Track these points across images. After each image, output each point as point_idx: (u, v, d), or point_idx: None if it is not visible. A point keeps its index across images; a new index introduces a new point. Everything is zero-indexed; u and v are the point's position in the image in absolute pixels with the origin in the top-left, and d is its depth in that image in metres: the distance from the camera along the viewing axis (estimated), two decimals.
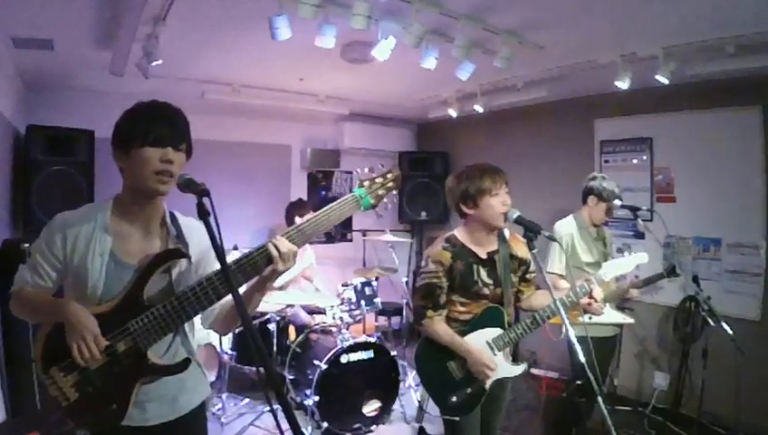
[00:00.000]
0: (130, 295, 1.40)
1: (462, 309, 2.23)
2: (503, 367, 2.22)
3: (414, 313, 2.29)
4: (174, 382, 1.50)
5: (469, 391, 2.18)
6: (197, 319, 1.56)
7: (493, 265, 2.24)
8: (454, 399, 2.18)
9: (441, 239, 2.26)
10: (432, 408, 2.35)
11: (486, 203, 2.14)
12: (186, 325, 1.55)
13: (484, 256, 2.23)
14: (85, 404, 1.40)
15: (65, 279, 1.47)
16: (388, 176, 1.63)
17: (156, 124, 1.41)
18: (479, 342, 2.19)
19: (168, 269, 1.47)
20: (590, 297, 2.20)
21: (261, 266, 1.43)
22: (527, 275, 2.38)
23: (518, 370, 2.27)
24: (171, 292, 1.44)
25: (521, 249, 2.32)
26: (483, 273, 2.21)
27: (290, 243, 1.44)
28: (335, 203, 1.53)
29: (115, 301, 1.40)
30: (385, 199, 1.64)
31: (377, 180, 1.61)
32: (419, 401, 3.78)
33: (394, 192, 1.66)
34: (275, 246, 1.41)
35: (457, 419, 2.20)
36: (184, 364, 1.46)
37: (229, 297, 1.45)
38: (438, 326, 2.20)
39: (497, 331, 2.21)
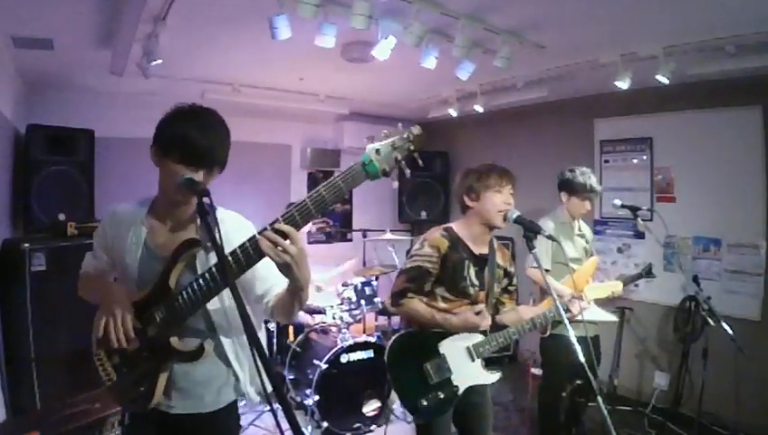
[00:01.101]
0: (159, 284, 1.47)
1: (442, 305, 2.19)
2: (479, 374, 2.19)
3: (393, 293, 2.21)
4: (201, 379, 1.56)
5: (441, 396, 2.14)
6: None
7: (482, 267, 2.23)
8: (424, 403, 2.13)
9: (439, 228, 2.25)
10: (398, 409, 2.30)
11: (488, 197, 2.15)
12: (221, 325, 1.55)
13: (477, 254, 2.22)
14: (121, 384, 1.55)
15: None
16: (405, 135, 1.38)
17: (195, 145, 1.40)
18: (458, 346, 2.16)
19: (194, 257, 1.50)
20: (567, 311, 2.22)
21: (254, 258, 1.32)
22: (510, 288, 2.38)
23: (494, 377, 2.23)
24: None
25: (506, 260, 2.34)
26: (472, 272, 2.20)
27: (286, 226, 1.28)
28: (340, 173, 1.35)
29: (147, 290, 1.49)
30: (403, 163, 1.37)
31: (391, 142, 1.37)
32: (387, 402, 3.75)
33: (416, 155, 1.38)
34: (266, 236, 1.28)
35: (422, 422, 2.18)
36: (197, 351, 1.49)
37: (282, 286, 1.48)
38: (418, 305, 2.15)
39: (478, 337, 2.19)
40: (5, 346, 3.20)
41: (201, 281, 1.41)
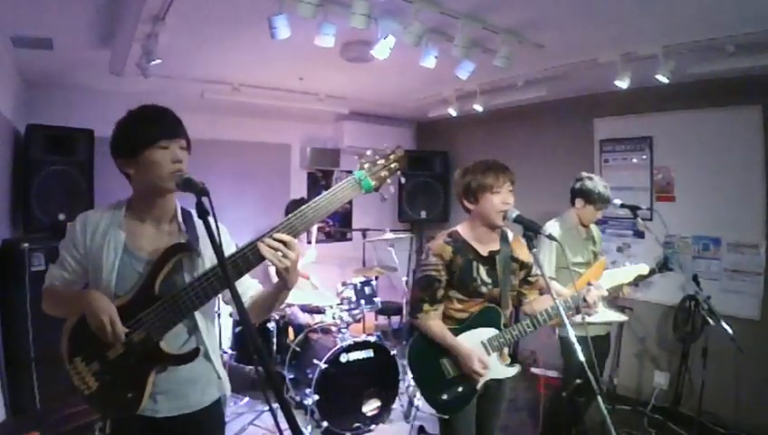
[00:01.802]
0: (143, 288, 1.46)
1: (459, 306, 2.22)
2: (496, 368, 2.21)
3: (411, 305, 2.29)
4: (185, 379, 1.56)
5: (461, 389, 2.17)
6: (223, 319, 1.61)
7: (493, 265, 2.23)
8: (444, 397, 2.17)
9: (443, 234, 2.27)
10: (423, 405, 2.34)
11: (486, 199, 2.14)
12: (202, 325, 1.57)
13: (485, 254, 2.23)
14: (104, 393, 1.49)
15: (88, 275, 1.57)
16: (391, 157, 1.56)
17: (150, 125, 1.47)
18: (473, 341, 2.18)
19: (180, 263, 1.51)
20: (584, 301, 2.14)
21: (253, 262, 1.42)
22: (530, 278, 2.37)
23: (512, 371, 2.26)
24: (184, 283, 1.49)
25: (523, 252, 2.31)
26: (482, 271, 2.20)
27: (285, 235, 1.40)
28: (335, 187, 1.49)
29: (131, 294, 1.47)
30: (389, 181, 1.56)
31: (378, 162, 1.54)
32: (410, 398, 3.77)
33: (398, 173, 1.58)
34: (266, 243, 1.39)
35: (446, 416, 2.19)
36: (194, 353, 1.51)
37: (255, 289, 1.68)
38: (433, 322, 2.20)
39: (493, 331, 2.20)
40: (5, 347, 3.20)
41: (198, 285, 1.42)
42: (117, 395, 1.49)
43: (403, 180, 1.61)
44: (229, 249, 1.58)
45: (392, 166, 1.55)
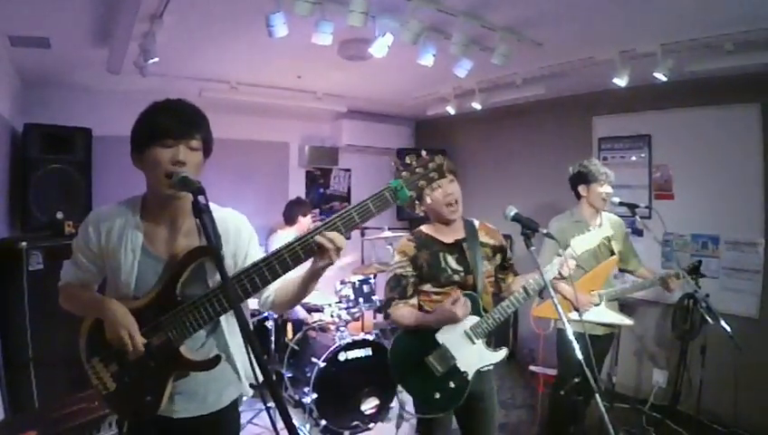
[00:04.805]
0: (164, 291, 1.43)
1: (436, 298, 2.23)
2: (484, 355, 2.20)
3: (383, 304, 2.35)
4: (203, 381, 1.53)
5: (453, 385, 2.16)
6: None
7: (461, 252, 2.26)
8: (437, 396, 2.15)
9: (408, 234, 2.36)
10: (410, 408, 2.34)
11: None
12: (224, 324, 1.55)
13: (450, 242, 2.27)
14: (122, 394, 1.47)
15: (105, 272, 1.53)
16: (430, 164, 1.46)
17: (160, 120, 1.40)
18: (457, 331, 2.17)
19: (203, 264, 1.47)
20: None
21: (302, 257, 1.37)
22: (505, 263, 2.42)
23: (500, 355, 2.23)
24: (206, 287, 1.46)
25: (492, 237, 2.37)
26: (450, 260, 2.24)
27: (334, 233, 1.36)
28: (370, 197, 1.40)
29: (150, 296, 1.43)
30: (426, 191, 1.47)
31: (417, 170, 1.44)
32: (400, 404, 3.72)
33: (438, 182, 1.50)
34: (327, 237, 1.35)
35: (431, 416, 2.18)
36: (215, 361, 1.47)
37: (279, 281, 1.50)
38: (402, 310, 2.22)
39: (474, 318, 2.19)
40: (3, 346, 3.19)
41: (221, 291, 1.38)
42: (135, 397, 1.45)
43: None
44: (252, 239, 1.62)
45: (431, 175, 1.45)
